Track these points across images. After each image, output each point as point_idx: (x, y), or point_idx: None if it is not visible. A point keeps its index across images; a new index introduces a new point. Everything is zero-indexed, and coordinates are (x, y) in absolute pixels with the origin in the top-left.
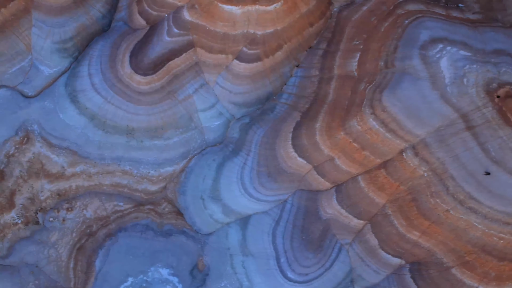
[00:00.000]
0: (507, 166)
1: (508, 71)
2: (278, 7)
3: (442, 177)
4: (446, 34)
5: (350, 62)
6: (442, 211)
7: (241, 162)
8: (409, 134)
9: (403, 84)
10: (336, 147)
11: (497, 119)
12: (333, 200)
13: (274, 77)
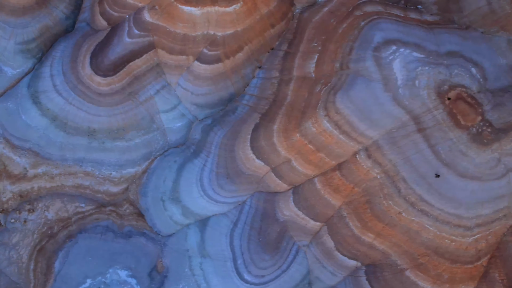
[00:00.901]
0: (457, 169)
1: (460, 73)
2: (237, 8)
3: (394, 179)
4: (400, 36)
5: (309, 64)
6: (395, 213)
7: (201, 163)
8: (362, 136)
9: (356, 86)
10: (292, 148)
11: (448, 121)
12: (290, 202)
13: (236, 78)
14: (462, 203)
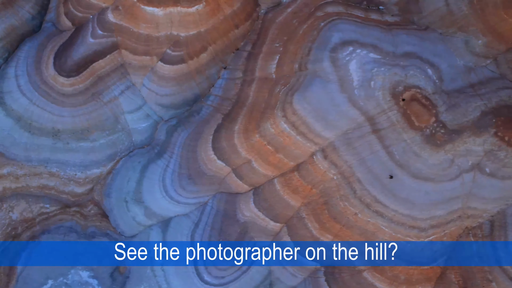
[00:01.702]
0: (410, 170)
1: (415, 74)
2: (200, 9)
3: (350, 180)
4: (357, 37)
5: (270, 65)
6: (351, 214)
7: (164, 164)
8: (318, 137)
9: (313, 87)
10: (252, 149)
11: (402, 122)
12: (251, 203)
13: (201, 79)
14: (416, 204)
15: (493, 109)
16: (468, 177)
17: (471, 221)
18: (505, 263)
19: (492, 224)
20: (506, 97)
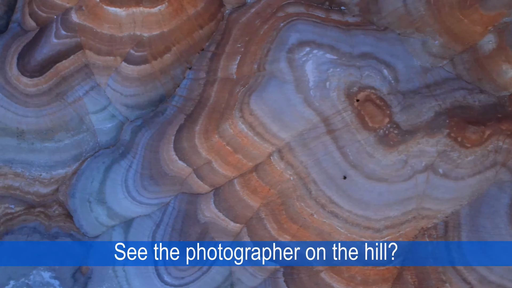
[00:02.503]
0: (364, 171)
1: (371, 75)
2: (162, 9)
3: (305, 181)
4: (315, 37)
5: (231, 65)
6: (307, 215)
7: (127, 165)
8: (274, 138)
9: (270, 87)
10: (212, 150)
11: (356, 123)
12: (211, 203)
13: (165, 79)
14: (370, 205)
15: (447, 110)
16: (422, 178)
17: (426, 221)
18: (458, 264)
19: (446, 225)
20: (460, 97)
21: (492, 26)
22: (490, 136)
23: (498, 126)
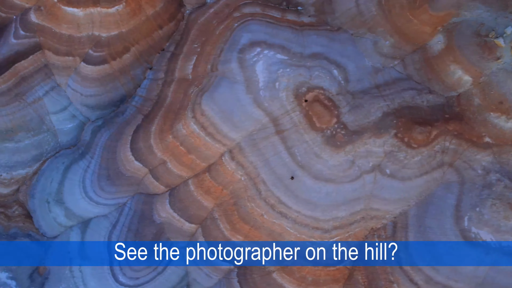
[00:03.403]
0: (311, 171)
1: (320, 75)
2: (120, 9)
3: (255, 181)
4: (266, 38)
5: (188, 65)
6: (258, 215)
7: (85, 165)
8: (225, 138)
9: (221, 88)
10: (166, 150)
11: (304, 123)
12: (166, 204)
13: (125, 79)
14: (318, 206)
15: (395, 110)
16: (369, 178)
17: (375, 222)
18: (405, 264)
19: (395, 225)
20: (409, 98)
21: (441, 27)
22: (437, 137)
23: (445, 127)
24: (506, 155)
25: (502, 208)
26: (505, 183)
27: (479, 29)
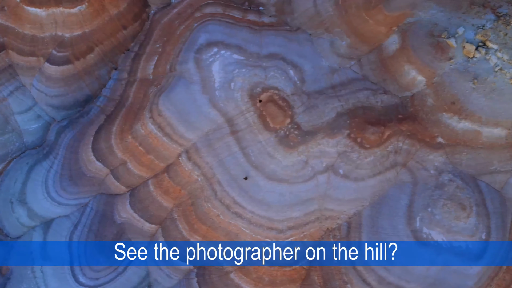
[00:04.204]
0: (265, 171)
1: (275, 75)
2: (83, 10)
3: (211, 181)
4: (223, 38)
5: (149, 65)
6: (214, 215)
7: (48, 165)
8: (182, 139)
9: (177, 88)
10: (126, 150)
11: (258, 123)
12: (127, 204)
13: (90, 80)
14: (271, 206)
15: (349, 110)
16: (323, 178)
17: (330, 222)
18: (358, 264)
19: (349, 225)
20: (364, 98)
21: (396, 27)
22: (390, 137)
23: (398, 127)
24: (459, 155)
25: (453, 208)
26: (457, 183)
27: (433, 29)
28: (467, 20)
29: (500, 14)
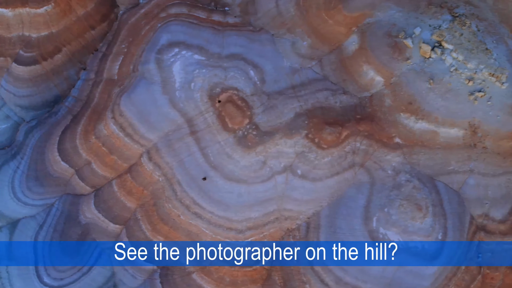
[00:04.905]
0: (223, 172)
1: (235, 76)
2: (49, 10)
3: (172, 182)
4: (185, 38)
5: (115, 66)
6: (175, 216)
7: (15, 166)
8: (143, 139)
9: (138, 88)
10: (90, 151)
11: (216, 124)
12: (92, 205)
13: (59, 80)
14: (230, 206)
15: (307, 111)
16: (281, 179)
17: (289, 223)
18: (316, 264)
19: (308, 226)
20: (323, 98)
21: (355, 27)
22: (348, 137)
23: (356, 127)
24: (417, 156)
25: (409, 208)
26: (414, 183)
27: (391, 30)
28: (424, 20)
29: (456, 15)
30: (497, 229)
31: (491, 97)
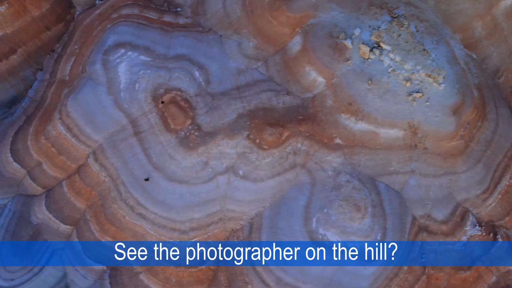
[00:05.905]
0: (166, 172)
1: (180, 77)
2: (3, 11)
3: (116, 182)
4: (132, 39)
5: (67, 66)
6: (121, 216)
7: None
8: (89, 140)
9: (85, 89)
10: (41, 151)
11: (159, 125)
12: (43, 205)
13: (15, 81)
14: (173, 207)
15: (250, 112)
16: (223, 179)
17: (233, 223)
18: (257, 264)
19: (251, 226)
20: (266, 99)
21: (299, 28)
22: (289, 138)
23: (297, 128)
24: (357, 156)
25: (348, 209)
26: (354, 184)
27: (332, 30)
28: (364, 21)
29: (395, 16)
30: (439, 229)
31: (429, 97)
